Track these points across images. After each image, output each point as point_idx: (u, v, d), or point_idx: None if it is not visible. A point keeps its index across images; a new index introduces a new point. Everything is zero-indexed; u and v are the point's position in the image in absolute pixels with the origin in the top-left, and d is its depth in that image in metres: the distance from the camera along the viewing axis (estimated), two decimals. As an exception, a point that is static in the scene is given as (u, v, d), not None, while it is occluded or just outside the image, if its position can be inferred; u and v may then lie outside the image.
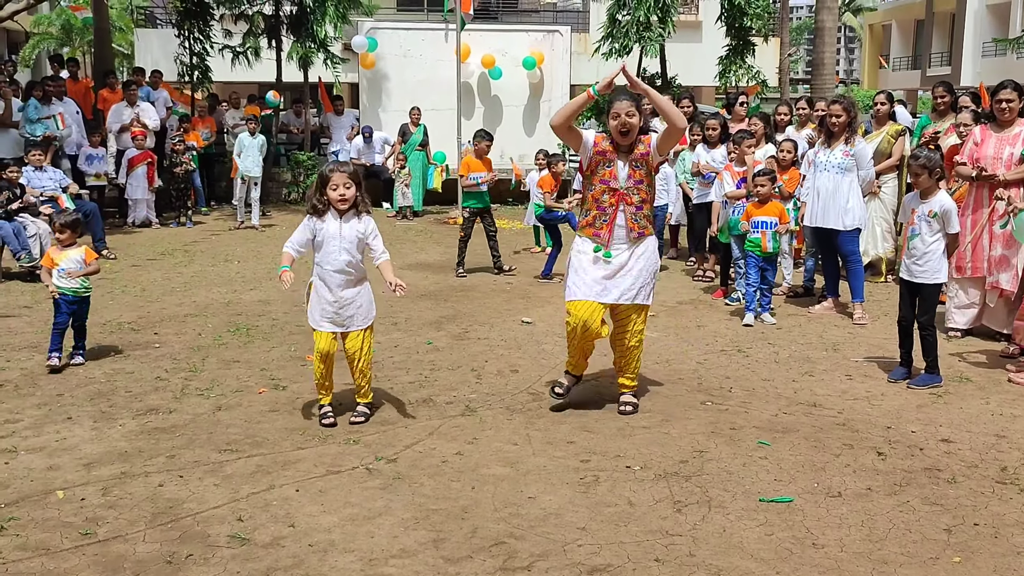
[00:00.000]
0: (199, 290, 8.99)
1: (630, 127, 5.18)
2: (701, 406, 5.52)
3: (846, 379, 6.13)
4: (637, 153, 5.26)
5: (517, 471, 4.51)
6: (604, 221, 5.24)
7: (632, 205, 5.23)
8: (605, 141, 5.27)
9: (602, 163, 5.25)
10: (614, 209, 5.23)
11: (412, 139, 14.98)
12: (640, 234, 5.27)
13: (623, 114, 5.16)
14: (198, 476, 4.43)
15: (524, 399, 5.65)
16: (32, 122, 12.09)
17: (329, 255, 5.06)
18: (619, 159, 5.24)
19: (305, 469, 4.52)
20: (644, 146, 5.27)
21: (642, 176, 5.27)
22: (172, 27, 17.97)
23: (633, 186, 5.23)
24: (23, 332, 7.23)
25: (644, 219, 5.29)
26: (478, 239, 10.66)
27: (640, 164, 5.26)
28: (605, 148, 5.25)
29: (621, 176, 5.23)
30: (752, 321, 7.59)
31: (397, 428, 5.12)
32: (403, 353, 6.71)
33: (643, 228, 5.29)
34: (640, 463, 4.61)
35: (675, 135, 5.25)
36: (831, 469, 4.55)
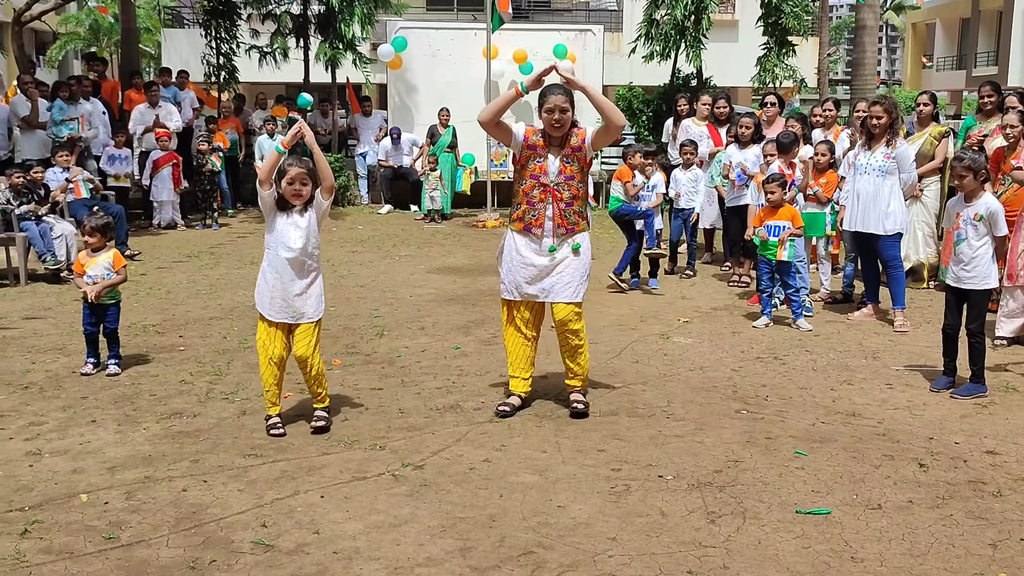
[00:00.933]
0: (225, 293, 9.07)
1: (563, 121, 5.24)
2: (736, 415, 5.49)
3: (886, 388, 6.07)
4: (569, 148, 5.31)
5: (546, 479, 4.50)
6: (534, 216, 5.32)
7: (562, 201, 5.29)
8: (536, 135, 5.32)
9: (532, 157, 5.31)
10: (544, 204, 5.29)
11: (441, 141, 15.03)
12: (569, 230, 5.33)
13: (557, 109, 5.21)
14: (222, 481, 4.47)
15: (553, 406, 5.64)
16: (57, 123, 12.27)
17: (283, 241, 5.05)
18: (550, 153, 5.30)
19: (330, 475, 4.54)
20: (577, 140, 5.32)
21: (574, 172, 5.31)
22: (199, 27, 18.16)
23: (564, 181, 5.29)
24: (48, 334, 7.33)
25: (575, 215, 5.35)
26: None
27: (572, 159, 5.31)
28: (536, 142, 5.31)
29: (551, 171, 5.29)
30: (763, 325, 7.60)
31: (424, 434, 5.13)
32: (430, 358, 6.72)
33: (573, 224, 5.34)
34: (673, 472, 4.59)
35: (612, 132, 5.31)
36: (871, 481, 4.50)
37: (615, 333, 7.49)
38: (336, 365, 6.49)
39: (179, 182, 13.52)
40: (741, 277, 9.64)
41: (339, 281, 9.62)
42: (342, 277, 9.83)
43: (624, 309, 8.40)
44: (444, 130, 15.13)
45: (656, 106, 17.20)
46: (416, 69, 16.55)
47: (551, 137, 5.32)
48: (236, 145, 15.76)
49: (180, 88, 15.42)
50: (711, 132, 10.85)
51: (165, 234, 13.18)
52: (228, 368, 6.42)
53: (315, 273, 5.20)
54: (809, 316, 7.93)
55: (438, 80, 16.35)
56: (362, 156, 16.65)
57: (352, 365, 6.52)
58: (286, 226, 5.07)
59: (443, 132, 15.12)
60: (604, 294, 9.09)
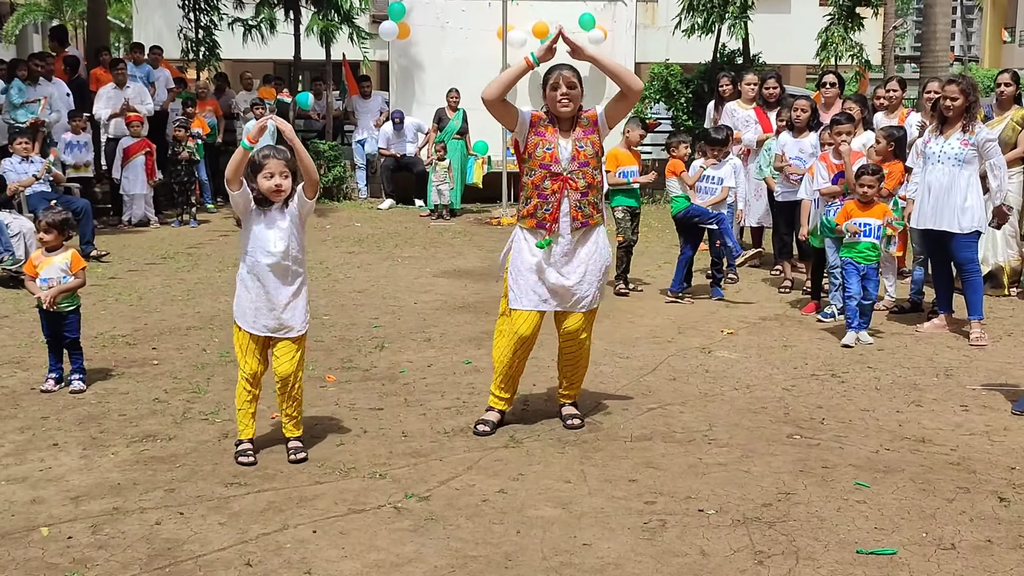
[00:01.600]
0: (204, 299, 9.11)
1: (572, 98, 5.28)
2: (788, 440, 5.48)
3: (961, 410, 6.04)
4: (580, 129, 5.34)
5: (570, 513, 4.51)
6: (547, 211, 5.32)
7: (577, 191, 5.30)
8: (543, 120, 5.35)
9: (541, 144, 5.32)
10: (557, 197, 5.30)
11: (449, 126, 15.08)
12: (584, 223, 5.36)
13: (563, 84, 5.25)
14: (201, 513, 4.48)
15: (578, 429, 5.65)
16: (16, 107, 12.36)
17: (262, 245, 5.05)
18: (560, 138, 5.32)
19: (323, 507, 4.55)
20: (588, 120, 5.36)
21: (588, 157, 5.34)
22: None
23: (578, 168, 5.31)
24: (5, 345, 7.39)
25: (590, 207, 5.37)
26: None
27: (585, 142, 5.33)
28: (543, 127, 5.34)
29: (563, 157, 5.30)
30: (852, 341, 7.51)
31: (430, 461, 5.14)
32: (437, 374, 6.74)
33: (588, 217, 5.37)
34: (715, 506, 4.58)
35: (630, 99, 5.34)
36: (943, 517, 4.49)
37: (649, 346, 7.49)
38: (330, 382, 6.51)
39: (152, 173, 13.60)
40: (783, 282, 9.64)
41: (334, 286, 9.66)
42: (337, 281, 9.87)
43: (659, 319, 8.40)
44: (453, 114, 15.19)
45: (696, 86, 17.18)
46: (422, 44, 16.60)
47: (560, 120, 5.36)
48: (216, 131, 15.83)
49: (153, 66, 15.52)
50: (759, 116, 10.85)
51: (137, 232, 13.26)
52: (207, 385, 6.45)
53: (300, 280, 5.21)
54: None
55: (446, 57, 16.39)
56: (360, 144, 16.72)
57: (348, 382, 6.55)
58: (264, 228, 5.08)
59: (452, 116, 15.17)
60: (635, 301, 9.09)
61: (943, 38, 17.96)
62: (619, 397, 6.24)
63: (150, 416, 5.84)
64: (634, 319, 8.36)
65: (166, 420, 5.76)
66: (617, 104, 5.39)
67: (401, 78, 16.75)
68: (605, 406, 6.04)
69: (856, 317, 7.63)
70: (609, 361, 7.06)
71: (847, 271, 7.73)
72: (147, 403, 6.07)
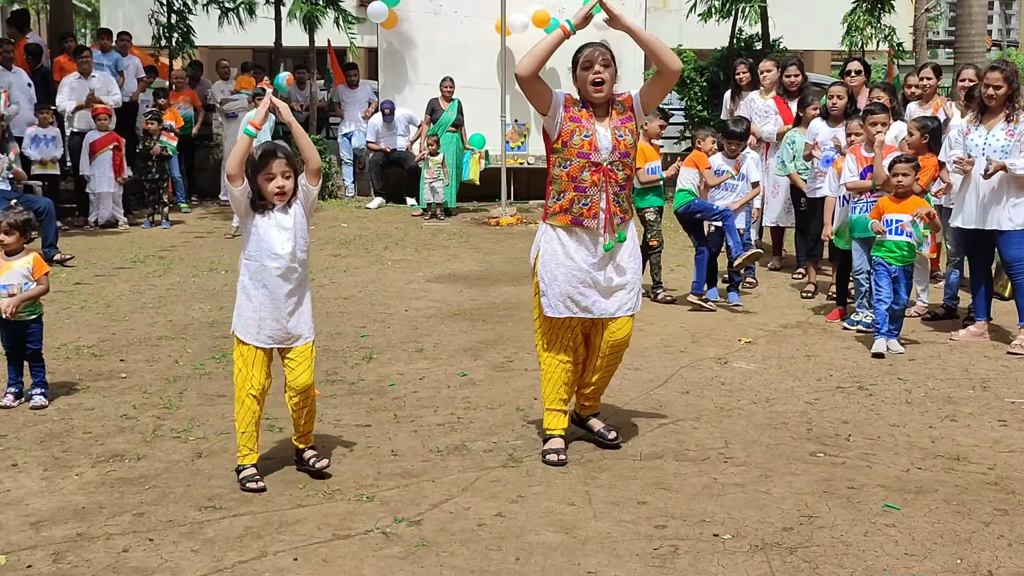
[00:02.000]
0: (176, 306, 9.12)
1: (606, 79, 5.25)
2: (811, 458, 5.47)
3: (999, 425, 6.04)
4: (616, 115, 5.31)
5: (573, 538, 4.50)
6: (585, 205, 5.27)
7: (616, 183, 5.29)
8: (576, 104, 5.31)
9: (577, 131, 5.27)
10: (598, 189, 5.26)
11: (443, 118, 15.10)
12: (623, 219, 5.35)
13: (596, 62, 5.23)
14: (172, 539, 4.48)
15: (583, 447, 5.65)
16: (-28, 99, 12.37)
17: (266, 248, 5.03)
18: (597, 124, 5.29)
19: (306, 532, 4.55)
20: (624, 105, 5.34)
21: (627, 147, 5.32)
22: (146, -21, 18.33)
23: (618, 159, 5.29)
24: (-41, 357, 7.39)
25: (625, 200, 5.38)
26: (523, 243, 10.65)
27: (624, 131, 5.31)
28: (578, 112, 5.30)
29: (603, 146, 5.26)
30: (883, 349, 7.51)
31: (422, 482, 5.14)
32: (430, 387, 6.74)
33: (624, 212, 5.37)
34: (731, 530, 4.58)
35: (668, 80, 5.32)
36: (979, 541, 4.48)
37: (660, 357, 7.50)
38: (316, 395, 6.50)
39: (121, 170, 13.61)
40: (806, 287, 9.65)
41: (318, 292, 9.65)
42: (322, 287, 9.87)
43: (672, 327, 8.40)
44: (448, 105, 15.20)
45: (712, 74, 17.21)
46: (414, 30, 16.63)
47: (594, 105, 5.31)
48: (191, 123, 15.85)
49: (122, 54, 15.53)
50: (779, 107, 10.85)
51: (104, 234, 13.27)
52: (180, 400, 6.45)
53: (307, 282, 5.22)
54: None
55: (440, 43, 16.42)
56: (347, 137, 16.74)
57: (333, 396, 6.55)
58: (268, 228, 5.05)
59: (446, 107, 15.19)
60: (645, 308, 9.07)
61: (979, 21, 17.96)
62: (628, 412, 6.24)
63: (117, 434, 5.83)
64: (644, 327, 8.36)
65: (135, 438, 5.75)
66: (654, 86, 5.36)
67: (391, 66, 16.76)
68: (612, 422, 6.03)
69: (886, 323, 7.63)
70: (617, 373, 7.01)
71: (878, 272, 7.72)
72: (114, 420, 6.07)
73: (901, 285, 7.69)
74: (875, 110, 8.45)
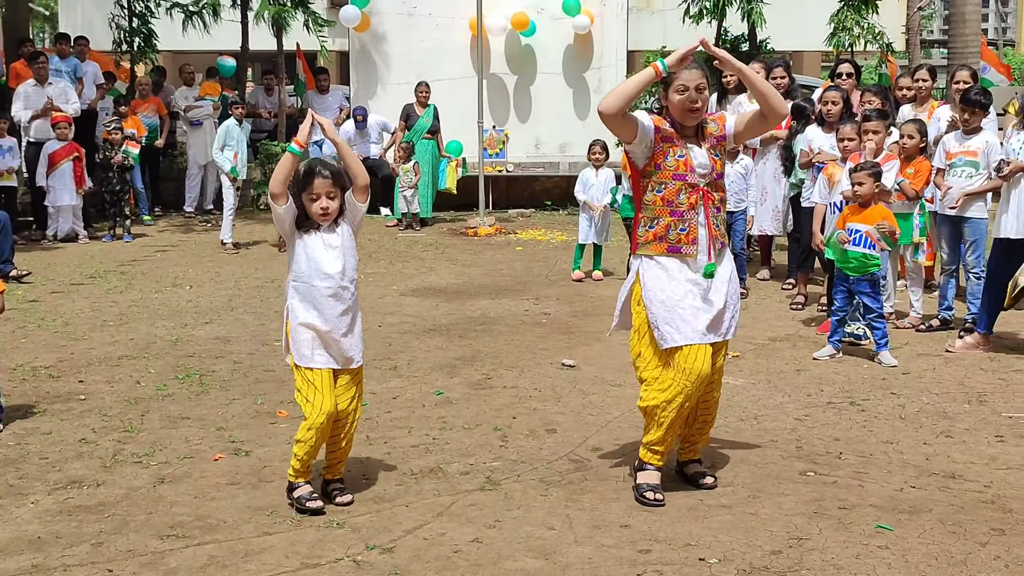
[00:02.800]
0: (138, 324, 9.08)
1: (702, 102, 5.18)
2: (800, 478, 5.48)
3: (996, 441, 6.06)
4: (711, 136, 5.27)
5: (553, 564, 4.49)
6: (683, 231, 5.16)
7: (714, 205, 5.23)
8: (665, 123, 5.26)
9: (671, 151, 5.19)
10: (696, 212, 5.16)
11: (419, 124, 15.11)
12: (723, 243, 5.30)
13: (692, 87, 5.13)
14: (132, 570, 4.45)
15: (564, 468, 5.64)
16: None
17: (317, 268, 5.07)
18: (691, 144, 5.23)
19: (273, 561, 4.53)
20: (717, 126, 5.30)
21: (721, 167, 5.32)
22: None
23: (715, 180, 5.25)
24: (-91, 380, 7.34)
25: (722, 223, 5.33)
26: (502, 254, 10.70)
27: (718, 150, 5.30)
28: (669, 132, 5.23)
29: (700, 166, 5.20)
30: (826, 356, 7.67)
31: (395, 507, 5.12)
32: (404, 407, 6.73)
33: (723, 236, 5.32)
34: (718, 554, 4.58)
35: (770, 121, 5.30)
36: (975, 563, 4.49)
37: (644, 372, 7.49)
38: (281, 417, 6.49)
39: (82, 181, 13.57)
40: (795, 297, 9.69)
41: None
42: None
43: (656, 341, 8.40)
44: (423, 111, 15.21)
45: (698, 77, 17.23)
46: (386, 32, 16.64)
47: (683, 127, 5.24)
48: (156, 132, 15.82)
49: (80, 59, 15.47)
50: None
51: (63, 248, 13.22)
52: (142, 422, 6.42)
53: (357, 303, 5.23)
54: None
55: (414, 47, 16.44)
56: (317, 144, 16.65)
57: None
58: (317, 248, 5.08)
59: (422, 113, 15.20)
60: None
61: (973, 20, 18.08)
62: (610, 431, 6.23)
63: (75, 459, 5.79)
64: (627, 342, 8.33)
65: (94, 463, 5.72)
66: (753, 125, 5.31)
67: (363, 70, 16.77)
68: (594, 441, 6.04)
69: (837, 332, 7.85)
70: (598, 390, 7.06)
71: (836, 284, 7.86)
72: (72, 444, 6.03)
73: (866, 296, 7.74)
74: (871, 116, 8.50)
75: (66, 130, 13.48)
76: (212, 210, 16.29)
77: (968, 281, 8.68)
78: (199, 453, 5.88)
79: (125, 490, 5.35)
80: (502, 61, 16.86)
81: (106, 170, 13.87)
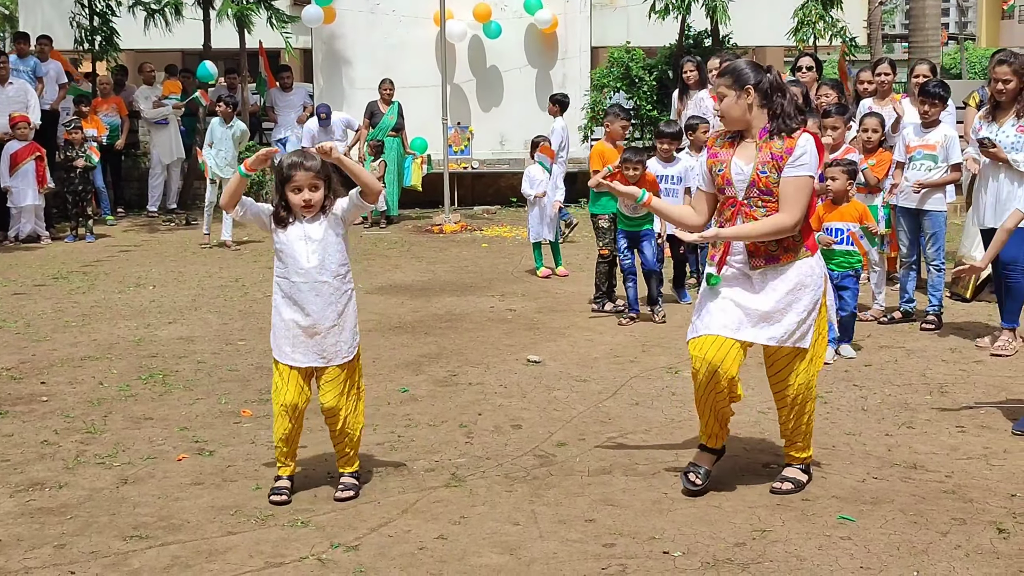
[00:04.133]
0: (101, 324, 9.02)
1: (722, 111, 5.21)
2: (764, 470, 5.52)
3: (957, 431, 6.12)
4: (768, 151, 5.06)
5: (518, 560, 4.50)
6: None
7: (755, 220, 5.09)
8: (720, 138, 5.27)
9: (715, 165, 5.21)
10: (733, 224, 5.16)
11: (383, 122, 15.07)
12: (770, 261, 5.09)
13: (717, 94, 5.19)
14: (95, 572, 4.43)
15: (529, 463, 5.65)
16: None
17: (297, 263, 5.05)
18: (737, 157, 5.14)
19: (237, 561, 4.52)
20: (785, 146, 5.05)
21: (771, 185, 5.05)
22: (66, -21, 18.13)
23: (757, 196, 5.07)
24: None
25: (775, 241, 5.07)
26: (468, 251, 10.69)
27: (769, 167, 5.05)
28: (718, 148, 5.24)
29: (737, 180, 5.11)
30: (830, 358, 7.60)
31: (360, 505, 5.12)
32: (369, 404, 6.66)
33: (772, 256, 5.08)
34: (682, 547, 4.60)
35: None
36: (936, 552, 4.53)
37: (609, 367, 7.52)
38: (246, 416, 6.47)
39: (44, 181, 13.47)
40: None
41: (251, 307, 9.61)
42: (255, 301, 9.81)
43: (620, 336, 8.43)
44: (387, 108, 15.17)
45: (661, 72, 17.32)
46: (349, 29, 16.59)
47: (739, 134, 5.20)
48: (117, 132, 15.72)
49: (41, 59, 15.34)
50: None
51: (24, 249, 13.12)
52: (104, 423, 6.38)
53: (347, 298, 5.19)
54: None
55: (378, 43, 16.40)
56: (281, 143, 16.64)
57: (267, 416, 6.48)
58: (294, 241, 5.06)
59: (386, 110, 15.16)
60: (594, 317, 9.12)
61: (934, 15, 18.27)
62: (575, 426, 6.25)
63: (37, 461, 5.76)
64: (592, 336, 8.39)
65: (56, 465, 5.69)
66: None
67: (327, 68, 16.74)
68: (559, 436, 6.05)
69: (833, 331, 7.74)
70: (564, 385, 7.08)
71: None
72: (34, 446, 5.99)
73: (847, 291, 7.73)
74: (831, 112, 8.55)
75: (26, 130, 13.38)
76: (175, 209, 16.21)
77: (929, 273, 8.75)
78: (162, 453, 5.85)
79: (88, 491, 5.31)
80: (466, 58, 16.86)
81: (68, 171, 13.77)
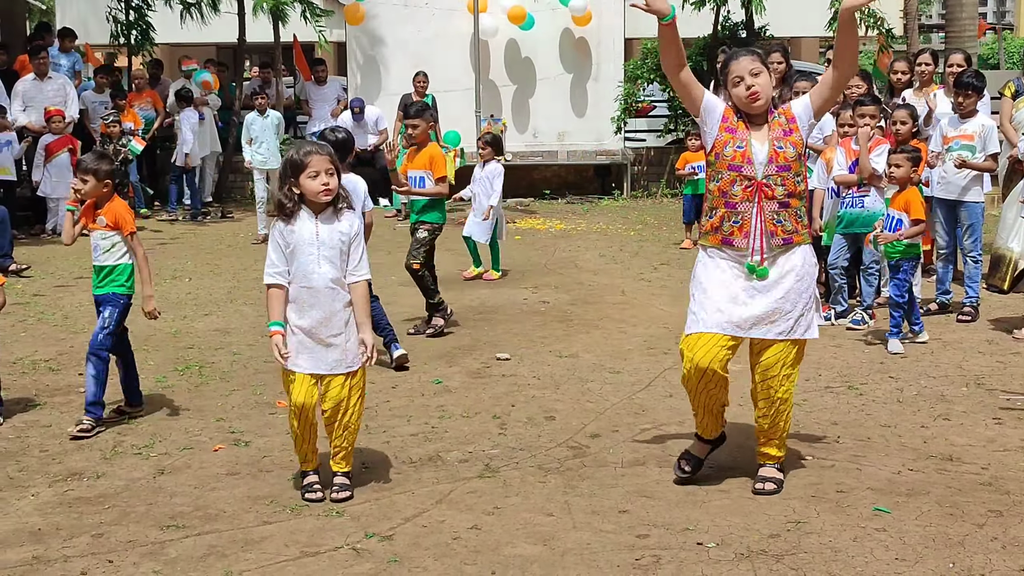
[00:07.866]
0: (138, 316, 9.04)
1: (761, 87, 5.02)
2: (799, 462, 5.50)
3: (994, 423, 6.08)
4: (778, 126, 5.10)
5: (552, 550, 4.51)
6: (736, 223, 5.06)
7: (774, 200, 5.04)
8: (735, 115, 5.12)
9: (731, 142, 5.08)
10: (751, 205, 5.05)
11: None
12: (787, 240, 5.07)
13: (746, 75, 5.02)
14: (132, 560, 4.47)
15: (562, 455, 5.66)
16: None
17: (304, 268, 5.01)
18: (753, 135, 5.08)
19: (272, 550, 4.55)
20: (785, 117, 5.11)
21: (788, 160, 5.05)
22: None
23: (776, 173, 5.04)
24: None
25: (791, 219, 5.07)
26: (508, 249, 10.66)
27: (785, 144, 5.07)
28: (734, 124, 5.11)
29: (757, 159, 5.05)
30: (900, 348, 7.55)
31: (394, 495, 5.14)
32: (403, 396, 6.74)
33: (790, 233, 5.07)
34: (716, 538, 4.60)
35: (841, 81, 5.09)
36: (972, 544, 4.51)
37: (643, 359, 7.52)
38: (281, 407, 6.50)
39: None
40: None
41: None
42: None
43: (654, 328, 8.42)
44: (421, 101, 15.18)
45: (695, 64, 17.23)
46: (384, 23, 16.60)
47: (750, 117, 5.12)
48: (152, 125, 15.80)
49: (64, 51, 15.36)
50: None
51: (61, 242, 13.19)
52: (141, 414, 6.44)
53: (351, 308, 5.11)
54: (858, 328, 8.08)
55: (412, 37, 16.41)
56: (315, 136, 16.69)
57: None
58: (303, 245, 4.99)
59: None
60: (627, 308, 9.11)
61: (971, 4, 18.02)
62: (608, 417, 6.25)
63: (75, 451, 5.81)
64: (626, 328, 8.38)
65: (93, 456, 5.74)
66: (825, 91, 5.15)
67: (361, 61, 16.75)
68: (592, 428, 6.05)
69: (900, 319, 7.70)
70: (597, 377, 7.07)
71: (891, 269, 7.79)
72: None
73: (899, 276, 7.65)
74: (865, 101, 8.49)
75: (60, 123, 13.47)
76: (211, 203, 16.28)
77: (966, 265, 8.68)
78: (199, 444, 5.90)
79: (125, 481, 5.36)
80: (500, 52, 16.85)
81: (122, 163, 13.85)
